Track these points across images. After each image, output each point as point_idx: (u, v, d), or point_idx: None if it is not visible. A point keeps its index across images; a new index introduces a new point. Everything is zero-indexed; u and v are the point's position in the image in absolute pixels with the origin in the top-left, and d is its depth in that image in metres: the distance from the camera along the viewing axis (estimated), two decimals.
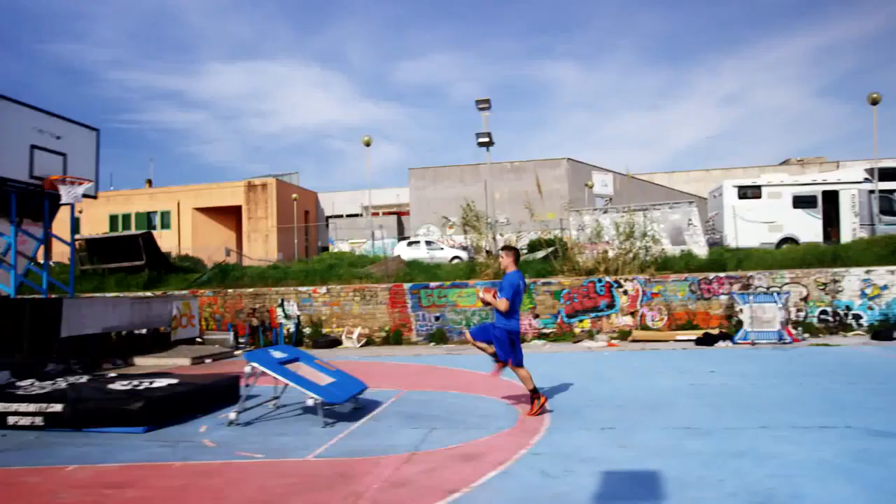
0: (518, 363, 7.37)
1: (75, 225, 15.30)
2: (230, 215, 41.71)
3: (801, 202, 18.92)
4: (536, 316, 16.64)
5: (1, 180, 8.00)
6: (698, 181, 44.67)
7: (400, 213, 45.40)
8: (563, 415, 7.06)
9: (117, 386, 7.89)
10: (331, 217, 44.19)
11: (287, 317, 17.97)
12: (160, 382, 8.00)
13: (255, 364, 7.12)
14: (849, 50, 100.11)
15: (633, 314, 16.09)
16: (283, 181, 42.78)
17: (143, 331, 15.34)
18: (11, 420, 7.14)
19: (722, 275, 15.60)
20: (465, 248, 37.69)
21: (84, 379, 8.54)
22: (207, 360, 14.19)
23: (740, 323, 15.14)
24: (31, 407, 7.11)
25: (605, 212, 18.87)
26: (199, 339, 16.71)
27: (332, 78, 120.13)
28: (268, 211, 40.75)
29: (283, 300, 18.11)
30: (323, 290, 17.95)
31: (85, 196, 9.11)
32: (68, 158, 8.88)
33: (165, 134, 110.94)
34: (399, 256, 23.08)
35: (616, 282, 16.17)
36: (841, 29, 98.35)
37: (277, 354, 7.69)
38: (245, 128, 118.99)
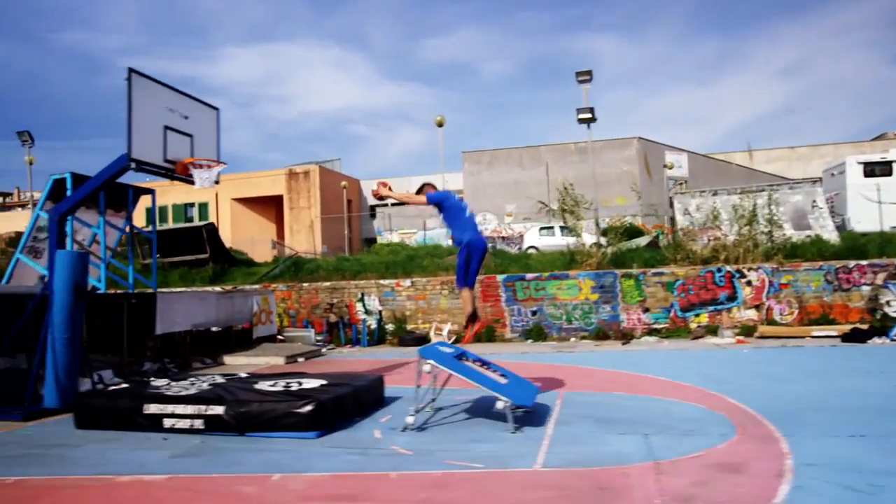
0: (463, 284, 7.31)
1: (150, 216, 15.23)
2: (270, 205, 41.87)
3: None
4: (646, 310, 16.25)
5: (138, 163, 7.85)
6: (780, 160, 43.58)
7: None
8: (783, 420, 6.69)
9: (264, 386, 7.74)
10: (378, 206, 44.10)
11: (368, 312, 17.85)
12: (311, 383, 7.82)
13: (432, 362, 6.89)
14: None
15: (757, 307, 15.60)
16: (326, 168, 42.82)
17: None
18: (168, 423, 7.01)
19: (864, 262, 15.01)
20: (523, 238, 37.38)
21: (220, 379, 8.42)
22: (301, 360, 14.10)
23: (886, 317, 14.60)
24: (190, 409, 6.97)
25: (715, 193, 18.34)
26: (279, 337, 16.66)
27: (352, 59, 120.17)
28: (311, 200, 40.81)
29: (363, 294, 17.98)
30: (407, 282, 17.76)
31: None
32: (194, 140, 8.74)
33: None
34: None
35: (738, 271, 15.69)
36: None
37: (447, 350, 7.46)
38: (261, 115, 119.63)
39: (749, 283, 15.62)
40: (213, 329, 15.39)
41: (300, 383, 7.80)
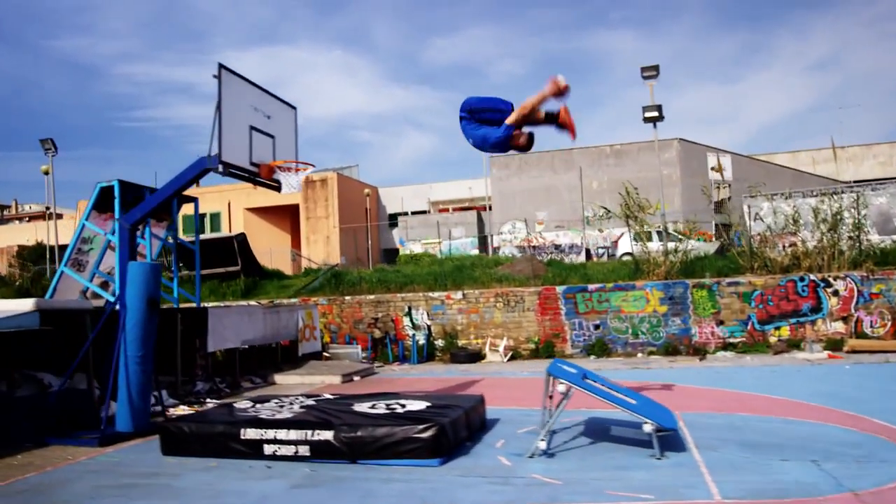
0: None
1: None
2: (285, 215, 41.72)
3: None
4: (720, 322, 15.92)
5: (225, 166, 7.63)
6: (829, 161, 43.12)
7: (473, 208, 44.95)
8: None
9: (363, 408, 7.48)
10: (398, 215, 43.91)
11: (415, 327, 17.58)
12: (414, 405, 7.55)
13: (567, 382, 6.61)
14: None
15: (845, 319, 15.25)
16: (344, 175, 42.68)
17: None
18: (269, 449, 6.74)
19: None
20: (557, 247, 37.19)
21: (309, 401, 8.15)
22: (356, 378, 13.84)
23: None
24: (294, 434, 6.70)
25: (789, 196, 18.04)
26: (325, 354, 16.40)
27: (356, 62, 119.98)
28: (328, 209, 40.64)
29: (410, 308, 17.72)
30: (458, 295, 17.50)
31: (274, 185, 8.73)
32: (276, 141, 8.52)
33: (177, 130, 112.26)
34: (533, 256, 22.57)
35: (824, 280, 15.35)
36: None
37: (571, 370, 7.18)
38: None
39: (836, 293, 15.28)
40: (255, 346, 15.20)
41: (403, 405, 7.53)
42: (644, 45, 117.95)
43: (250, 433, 6.85)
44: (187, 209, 14.86)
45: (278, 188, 8.64)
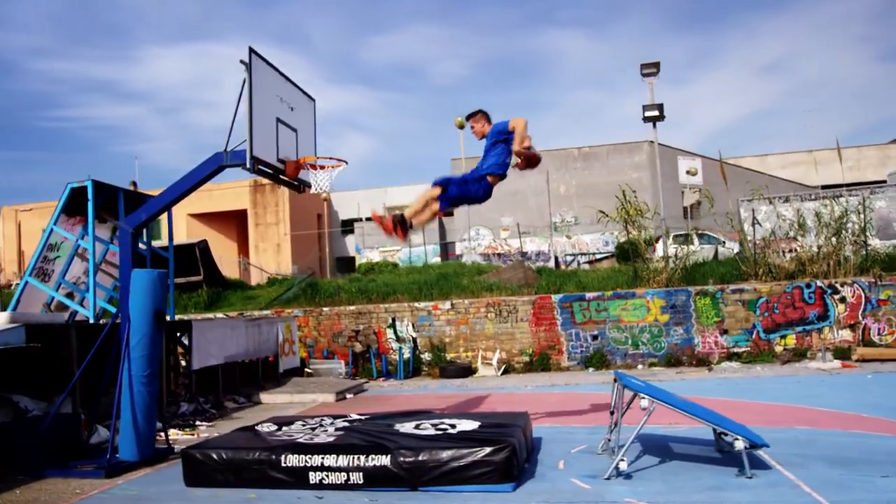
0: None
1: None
2: (232, 222, 40.74)
3: None
4: (724, 332, 16.05)
5: (255, 162, 7.21)
6: (798, 164, 44.37)
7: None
8: None
9: (408, 429, 7.16)
10: (353, 221, 43.37)
11: (400, 339, 17.23)
12: (466, 424, 7.25)
13: (649, 396, 6.42)
14: None
15: (852, 327, 15.55)
16: None
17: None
18: (315, 477, 6.35)
19: None
20: (523, 255, 37.22)
21: (340, 422, 7.77)
22: (349, 396, 13.45)
23: None
24: (343, 460, 6.33)
25: (787, 200, 18.38)
26: (307, 370, 15.93)
27: (291, 60, 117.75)
28: (279, 215, 39.88)
29: (394, 319, 17.37)
30: (446, 305, 17.23)
31: (300, 184, 8.29)
32: (298, 135, 8.13)
33: (99, 132, 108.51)
34: (522, 262, 22.44)
35: (831, 287, 15.63)
36: None
37: (639, 382, 7.01)
38: (190, 122, 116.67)
39: (843, 300, 15.57)
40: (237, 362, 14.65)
41: (453, 425, 7.23)
42: (592, 47, 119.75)
43: (292, 460, 6.45)
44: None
45: (299, 188, 8.25)
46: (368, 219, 44.61)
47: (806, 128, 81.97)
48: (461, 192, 7.38)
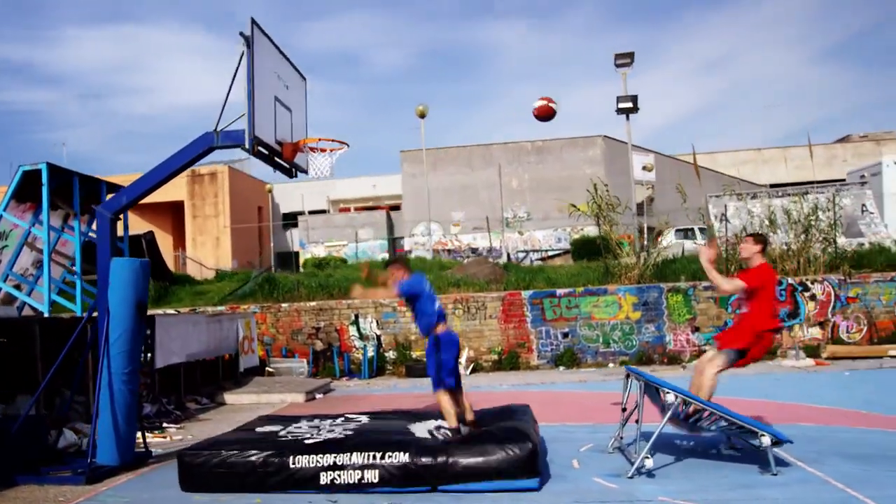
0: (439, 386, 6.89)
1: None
2: (167, 213, 39.67)
3: None
4: (696, 329, 16.34)
5: (254, 143, 6.93)
6: (746, 162, 45.49)
7: (379, 208, 44.51)
8: None
9: (418, 427, 7.04)
10: (296, 214, 42.74)
11: (363, 337, 17.01)
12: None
13: (676, 392, 6.43)
14: (857, 3, 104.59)
15: (822, 324, 16.00)
16: (236, 169, 41.11)
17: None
18: (326, 477, 6.16)
19: None
20: (474, 251, 37.32)
21: (340, 421, 7.58)
22: (319, 396, 13.21)
23: None
24: (358, 457, 6.17)
25: (754, 197, 18.82)
26: (268, 369, 15.58)
27: (222, 45, 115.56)
28: (218, 207, 39.04)
29: (357, 316, 17.14)
30: None
31: (293, 169, 8.02)
32: (293, 116, 7.87)
33: (12, 117, 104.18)
34: (486, 258, 22.42)
35: (801, 284, 16.06)
36: None
37: (659, 378, 7.02)
38: (112, 108, 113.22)
39: (813, 298, 16.01)
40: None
41: (464, 425, 7.12)
42: (534, 39, 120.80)
43: (303, 460, 6.25)
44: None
45: (293, 172, 8.01)
46: (313, 212, 44.18)
47: (756, 124, 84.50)
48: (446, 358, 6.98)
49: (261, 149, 7.18)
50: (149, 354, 11.40)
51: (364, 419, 7.87)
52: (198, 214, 38.81)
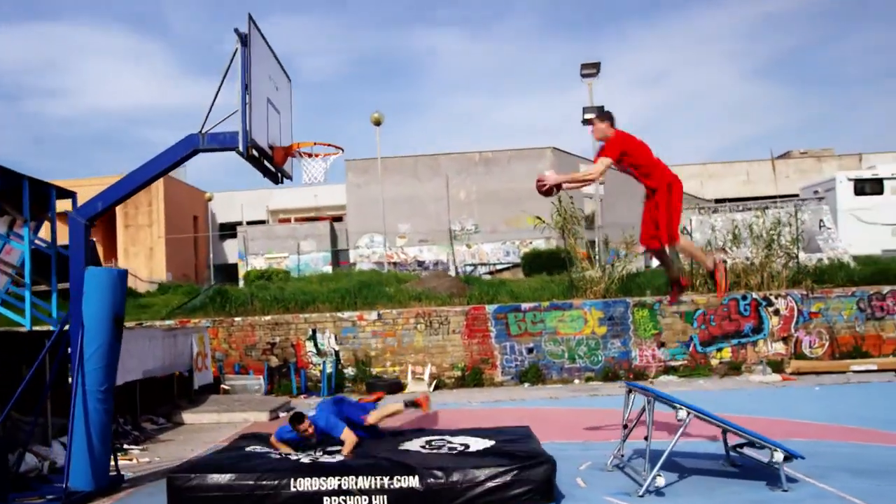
0: None
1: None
2: (98, 222, 38.16)
3: None
4: (662, 344, 16.55)
5: (247, 149, 6.70)
6: (692, 177, 46.32)
7: (320, 219, 44.09)
8: None
9: (417, 447, 6.90)
10: (235, 224, 41.94)
11: (321, 353, 16.73)
12: (479, 443, 7.05)
13: (689, 408, 6.45)
14: (790, 22, 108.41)
15: (785, 340, 16.39)
16: (172, 176, 40.11)
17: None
18: (331, 502, 5.98)
19: None
20: (420, 264, 37.23)
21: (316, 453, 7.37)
22: (282, 414, 12.90)
23: None
24: (364, 482, 5.99)
25: (715, 211, 19.22)
26: (224, 387, 15.17)
27: (148, 47, 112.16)
28: (152, 217, 38.07)
29: (314, 331, 16.85)
30: (372, 315, 16.88)
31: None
32: (281, 118, 7.66)
33: None
34: (445, 271, 22.29)
35: (765, 299, 16.43)
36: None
37: (667, 394, 7.04)
38: (27, 110, 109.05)
39: (777, 313, 16.38)
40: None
41: (466, 444, 7.03)
42: (471, 48, 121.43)
43: (304, 483, 6.05)
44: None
45: (279, 179, 7.80)
46: (251, 222, 43.42)
47: (690, 140, 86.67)
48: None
49: (254, 152, 6.97)
50: None
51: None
52: (130, 224, 37.75)
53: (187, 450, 9.85)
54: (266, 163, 7.42)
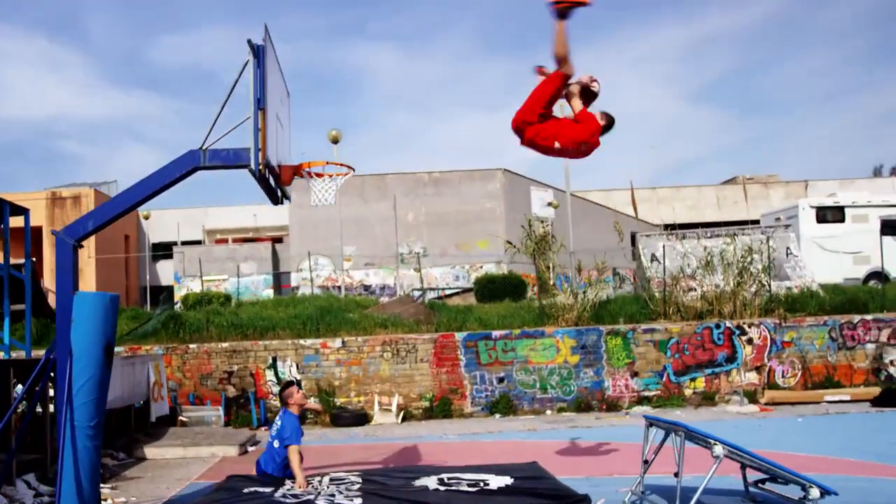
0: None
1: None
2: (20, 240, 37.10)
3: (890, 228, 20.88)
4: (635, 374, 16.67)
5: (262, 171, 6.47)
6: (643, 202, 47.20)
7: (260, 239, 43.52)
8: None
9: (434, 484, 6.73)
10: (170, 244, 40.99)
11: (281, 383, 16.35)
12: (498, 480, 6.92)
13: (724, 444, 6.44)
14: (722, 46, 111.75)
15: (758, 369, 16.69)
16: (103, 193, 39.13)
17: None
18: None
19: (869, 317, 16.75)
20: (367, 288, 36.98)
21: (352, 479, 7.14)
22: (251, 449, 12.54)
23: (890, 378, 16.37)
24: None
25: (684, 237, 19.53)
26: (182, 419, 14.68)
27: (65, 55, 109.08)
28: None
29: (275, 359, 16.49)
30: (336, 343, 16.59)
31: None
32: (284, 135, 7.45)
33: None
34: (409, 295, 22.06)
35: (739, 328, 16.72)
36: (714, 21, 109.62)
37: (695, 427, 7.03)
38: None
39: (750, 342, 16.68)
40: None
41: (485, 480, 6.89)
42: (407, 64, 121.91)
43: None
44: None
45: (278, 198, 7.58)
46: (186, 242, 42.47)
47: (624, 164, 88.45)
48: None
49: (269, 172, 6.76)
50: None
51: (354, 478, 7.47)
52: None
53: (161, 488, 9.47)
54: (273, 182, 7.20)
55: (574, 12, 6.54)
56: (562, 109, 7.63)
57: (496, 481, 6.82)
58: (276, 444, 8.29)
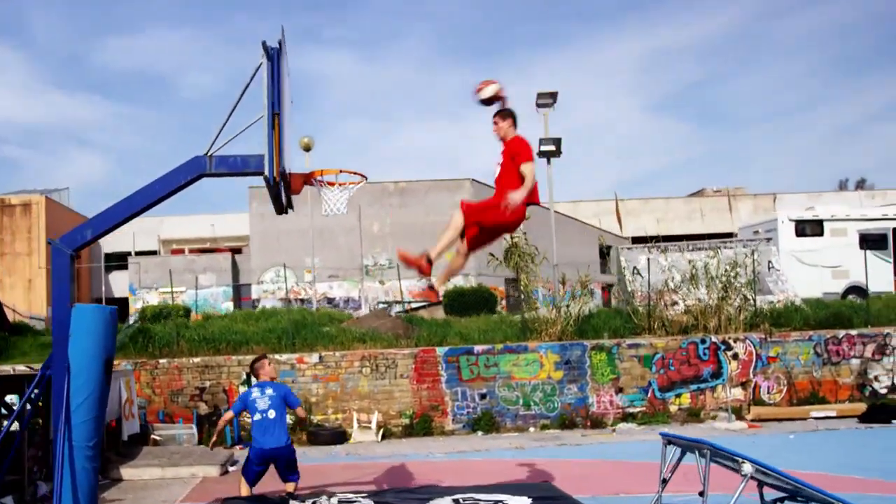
0: None
1: None
2: None
3: (869, 242, 21.32)
4: (620, 390, 16.73)
5: (276, 179, 6.35)
6: (609, 213, 47.58)
7: (219, 250, 43.04)
8: None
9: None
10: (125, 254, 40.29)
11: None
12: (515, 500, 6.86)
13: (753, 462, 6.44)
14: (685, 57, 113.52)
15: (744, 385, 16.85)
16: (54, 201, 38.41)
17: None
18: None
19: (853, 332, 17.03)
20: (330, 301, 36.71)
21: (363, 501, 7.03)
22: (231, 469, 12.31)
23: (875, 393, 16.66)
24: None
25: (665, 250, 19.71)
26: (154, 437, 14.36)
27: (5, 56, 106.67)
28: (32, 244, 36.21)
29: (249, 375, 16.18)
30: (313, 358, 16.40)
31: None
32: (289, 141, 7.32)
33: None
34: (385, 309, 21.90)
35: (724, 343, 16.88)
36: (674, 32, 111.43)
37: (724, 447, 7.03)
38: None
39: (735, 357, 16.84)
40: None
41: (500, 501, 6.82)
42: (363, 70, 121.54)
43: None
44: None
45: (284, 207, 7.46)
46: (140, 252, 41.78)
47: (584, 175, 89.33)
48: None
49: (282, 180, 6.65)
50: (40, 420, 10.32)
51: (364, 500, 7.36)
52: (6, 252, 35.84)
53: None
54: (283, 190, 7.09)
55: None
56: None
57: (514, 502, 6.76)
58: (271, 414, 8.07)
